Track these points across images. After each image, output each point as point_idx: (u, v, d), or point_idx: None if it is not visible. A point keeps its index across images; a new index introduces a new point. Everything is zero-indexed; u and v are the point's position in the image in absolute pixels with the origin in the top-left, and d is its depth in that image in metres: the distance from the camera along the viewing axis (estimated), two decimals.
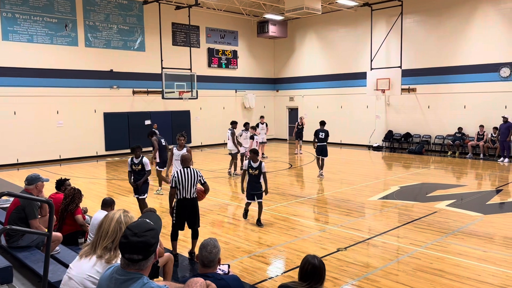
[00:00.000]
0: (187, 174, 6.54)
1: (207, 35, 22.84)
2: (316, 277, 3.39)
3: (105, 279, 2.45)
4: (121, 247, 2.31)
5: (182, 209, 6.56)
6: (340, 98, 22.77)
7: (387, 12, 20.00)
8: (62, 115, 17.70)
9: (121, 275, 2.34)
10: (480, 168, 15.39)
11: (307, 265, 3.41)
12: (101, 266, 2.74)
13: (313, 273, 3.39)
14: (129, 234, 2.29)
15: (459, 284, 5.51)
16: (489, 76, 17.46)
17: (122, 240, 2.32)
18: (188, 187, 6.51)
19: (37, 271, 4.52)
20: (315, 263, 3.41)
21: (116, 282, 2.34)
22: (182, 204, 6.54)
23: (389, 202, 10.22)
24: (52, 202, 3.77)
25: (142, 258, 2.30)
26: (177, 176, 6.52)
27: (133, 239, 2.27)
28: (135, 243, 2.27)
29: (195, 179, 6.58)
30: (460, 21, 18.17)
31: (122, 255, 2.33)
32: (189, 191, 6.52)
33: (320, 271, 3.42)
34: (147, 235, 2.30)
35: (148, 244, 2.30)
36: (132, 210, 9.03)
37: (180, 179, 6.51)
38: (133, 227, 2.33)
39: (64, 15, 17.60)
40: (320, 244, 7.19)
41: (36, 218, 5.22)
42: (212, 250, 3.36)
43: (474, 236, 7.47)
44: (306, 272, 3.41)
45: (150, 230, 2.34)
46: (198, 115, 22.39)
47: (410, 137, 20.07)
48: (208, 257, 3.34)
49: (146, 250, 2.30)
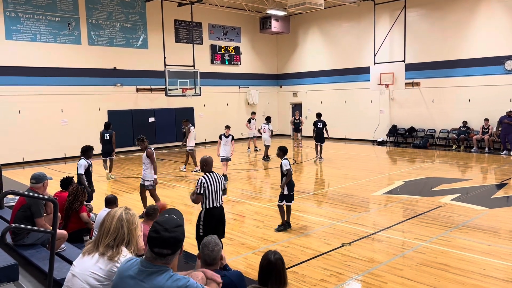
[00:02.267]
0: (214, 179, 5.84)
1: (209, 32, 22.81)
2: (275, 275, 3.09)
3: (126, 269, 2.48)
4: (151, 241, 2.38)
5: (211, 219, 5.79)
6: (343, 93, 22.70)
7: (390, 6, 19.88)
8: (66, 113, 17.78)
9: (147, 267, 2.39)
10: (485, 162, 15.32)
11: (263, 260, 3.17)
12: (103, 263, 2.76)
13: (268, 269, 3.11)
14: (160, 229, 2.37)
15: (463, 278, 5.50)
16: (494, 69, 17.34)
17: (152, 235, 2.38)
18: (217, 193, 5.84)
19: (43, 269, 4.55)
20: (270, 259, 3.13)
21: (141, 273, 2.39)
22: (211, 213, 5.80)
23: (394, 196, 10.20)
24: (57, 201, 3.80)
25: (171, 253, 2.39)
26: (206, 181, 5.76)
27: (165, 234, 2.35)
28: (166, 238, 2.35)
29: (222, 185, 5.96)
30: (464, 14, 18.04)
31: (150, 249, 2.39)
32: (218, 198, 5.87)
33: (276, 267, 3.10)
34: (177, 231, 2.40)
35: (178, 240, 2.40)
36: (136, 207, 9.08)
37: (209, 185, 5.75)
38: (164, 223, 2.41)
39: (67, 13, 17.63)
40: (324, 239, 7.20)
41: (42, 217, 5.25)
42: (214, 248, 3.40)
43: (479, 230, 7.44)
44: (262, 268, 3.16)
45: (180, 226, 2.44)
46: (201, 111, 22.41)
47: (415, 132, 20.00)
48: (210, 255, 3.39)
49: (175, 245, 2.39)
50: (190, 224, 8.30)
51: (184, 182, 12.58)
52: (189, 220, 8.57)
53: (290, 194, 7.69)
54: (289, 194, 7.68)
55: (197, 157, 17.55)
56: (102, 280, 2.73)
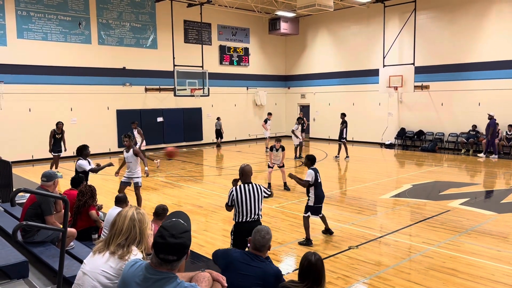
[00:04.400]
0: (248, 192, 5.40)
1: (218, 33, 22.87)
2: (313, 276, 3.27)
3: (131, 275, 2.45)
4: (157, 247, 2.33)
5: (241, 234, 5.33)
6: (352, 95, 22.63)
7: (400, 8, 19.80)
8: (76, 112, 17.92)
9: (153, 274, 2.35)
10: (494, 166, 15.19)
11: (304, 261, 3.35)
12: (114, 261, 2.78)
13: (309, 270, 3.30)
14: (167, 235, 2.31)
15: (472, 283, 5.46)
16: (504, 73, 17.19)
17: (158, 240, 2.33)
18: (250, 208, 5.36)
19: (52, 266, 4.60)
20: (311, 260, 3.31)
21: (147, 281, 2.35)
22: (241, 228, 5.37)
23: (402, 200, 10.15)
24: (67, 198, 3.84)
25: (177, 259, 2.34)
26: (236, 194, 5.40)
27: (171, 240, 2.30)
28: (173, 245, 2.30)
29: (259, 197, 5.44)
30: (475, 17, 17.91)
31: (156, 254, 2.34)
32: (251, 212, 5.37)
33: (316, 268, 3.28)
34: (184, 237, 2.34)
35: (184, 246, 2.34)
36: (144, 206, 9.12)
37: (239, 198, 5.37)
38: (170, 228, 2.35)
39: (78, 13, 17.78)
40: (331, 242, 7.18)
41: (52, 214, 5.31)
42: (265, 236, 3.71)
43: (487, 235, 7.38)
44: (303, 269, 3.34)
45: (186, 232, 2.38)
46: (209, 112, 22.46)
47: (423, 135, 19.88)
48: (260, 241, 3.69)
49: (181, 252, 2.34)
50: (197, 224, 8.34)
51: (191, 182, 12.62)
52: (196, 221, 8.61)
53: (316, 206, 7.10)
54: (315, 206, 7.10)
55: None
56: (112, 278, 2.75)
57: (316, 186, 7.07)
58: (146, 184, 12.40)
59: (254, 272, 3.59)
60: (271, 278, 3.63)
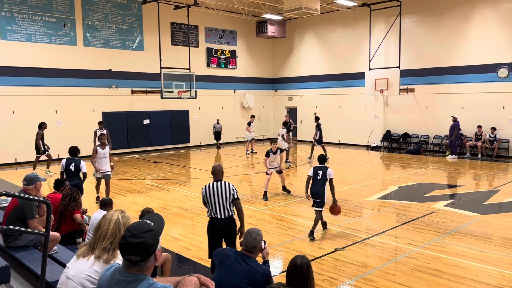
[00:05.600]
0: (217, 189, 5.56)
1: (206, 35, 22.84)
2: (298, 278, 3.29)
3: (106, 280, 2.44)
4: (120, 248, 2.32)
5: (214, 230, 5.60)
6: (338, 98, 22.79)
7: (385, 12, 20.02)
8: (60, 114, 17.70)
9: (125, 277, 2.34)
10: (478, 168, 15.43)
11: (290, 263, 3.39)
12: (99, 266, 2.75)
13: (293, 272, 3.32)
14: (128, 235, 2.30)
15: (456, 284, 5.53)
16: (487, 76, 17.50)
17: (121, 241, 2.32)
18: (219, 205, 5.53)
19: (35, 271, 4.53)
20: (296, 262, 3.35)
21: (120, 284, 2.34)
22: (212, 224, 5.59)
23: (387, 202, 10.24)
24: (50, 202, 3.78)
25: (141, 260, 2.30)
26: (205, 191, 5.60)
27: (131, 240, 2.27)
28: (133, 244, 2.27)
29: (227, 195, 5.55)
30: (459, 21, 18.21)
31: (122, 255, 2.34)
32: (221, 209, 5.52)
33: (300, 271, 3.30)
34: (145, 236, 2.29)
35: (146, 245, 2.29)
36: (130, 209, 9.06)
37: (208, 195, 5.57)
38: (132, 228, 2.33)
39: (63, 14, 17.59)
40: (317, 244, 7.21)
41: (34, 218, 5.23)
42: (256, 237, 3.87)
43: (471, 236, 7.49)
44: (288, 271, 3.37)
45: (149, 231, 2.33)
46: (196, 114, 22.39)
47: (408, 137, 20.11)
48: (252, 242, 3.84)
49: (144, 251, 2.29)
50: (184, 227, 8.30)
51: (178, 185, 12.55)
52: (183, 224, 8.57)
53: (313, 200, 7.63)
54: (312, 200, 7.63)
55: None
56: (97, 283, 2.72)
57: (312, 182, 7.63)
58: (132, 187, 12.31)
59: (244, 271, 3.72)
60: (260, 278, 3.73)
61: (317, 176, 7.58)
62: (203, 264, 6.28)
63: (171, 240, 7.50)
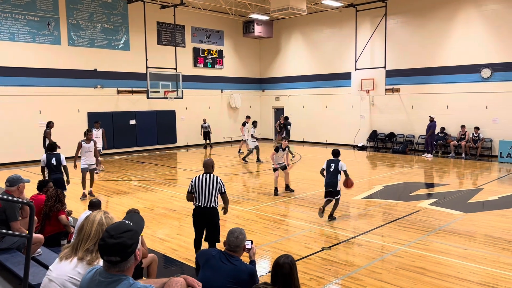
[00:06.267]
0: (206, 181, 5.94)
1: (192, 35, 22.75)
2: (282, 278, 3.31)
3: (87, 281, 2.42)
4: (99, 249, 2.31)
5: (197, 218, 6.03)
6: (325, 98, 22.91)
7: (371, 13, 20.20)
8: (44, 115, 17.42)
9: (106, 278, 2.33)
10: (462, 167, 15.66)
11: (274, 263, 3.42)
12: (82, 267, 2.72)
13: (276, 272, 3.35)
14: (106, 236, 2.29)
15: (440, 281, 5.61)
16: (471, 77, 17.78)
17: (99, 243, 2.31)
18: (204, 195, 5.90)
19: (18, 274, 4.46)
20: (279, 262, 3.37)
21: (100, 285, 2.32)
22: (196, 212, 6.01)
23: (373, 201, 10.33)
24: (33, 204, 3.72)
25: (120, 260, 2.29)
26: (195, 181, 6.00)
27: (110, 241, 2.26)
28: (112, 245, 2.26)
29: (214, 188, 5.93)
30: (443, 22, 18.46)
31: (101, 257, 2.32)
32: (206, 199, 5.90)
33: (283, 270, 3.32)
34: (124, 236, 2.28)
35: (125, 246, 2.27)
36: (116, 210, 8.97)
37: (196, 185, 5.96)
38: (111, 229, 2.32)
39: (47, 13, 17.33)
40: (304, 243, 7.23)
41: (17, 220, 5.14)
42: (239, 236, 3.89)
43: (455, 234, 7.60)
44: (272, 270, 3.40)
45: (128, 231, 2.32)
46: (183, 115, 22.29)
47: (394, 137, 20.31)
48: (234, 242, 3.86)
49: (123, 252, 2.28)
50: (171, 228, 8.26)
51: (164, 185, 12.48)
52: (170, 225, 8.52)
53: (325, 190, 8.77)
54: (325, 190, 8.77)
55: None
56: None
57: (326, 173, 8.71)
58: (118, 188, 12.20)
59: (228, 270, 3.74)
60: (245, 276, 3.74)
61: (330, 169, 8.63)
62: (190, 265, 6.25)
63: (157, 241, 7.45)
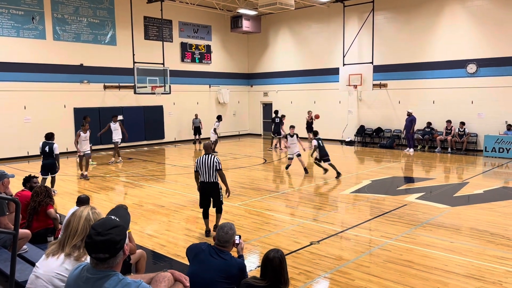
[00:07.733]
0: (205, 161, 7.31)
1: (180, 29, 22.58)
2: (270, 272, 3.34)
3: (74, 278, 2.40)
4: (87, 247, 2.29)
5: (203, 190, 7.45)
6: (313, 94, 22.98)
7: (359, 8, 20.27)
8: (29, 110, 17.18)
9: (94, 274, 2.31)
10: (448, 161, 15.87)
11: (263, 257, 3.45)
12: (70, 263, 2.70)
13: (265, 266, 3.38)
14: (93, 233, 2.26)
15: (427, 274, 5.68)
16: (457, 72, 17.98)
17: (86, 240, 2.29)
18: (205, 172, 7.30)
19: (4, 271, 4.39)
20: (269, 256, 3.41)
21: (88, 281, 2.31)
22: (202, 186, 7.43)
23: (361, 195, 10.41)
24: (19, 200, 3.67)
25: (109, 256, 2.28)
26: (198, 161, 7.38)
27: (97, 238, 2.24)
28: (100, 242, 2.24)
29: (211, 165, 7.27)
30: (429, 18, 18.61)
31: (89, 254, 2.30)
32: (207, 176, 7.31)
33: (272, 264, 3.34)
34: (112, 232, 2.27)
35: (113, 242, 2.26)
36: (103, 206, 8.89)
37: (199, 164, 7.35)
38: (97, 226, 2.30)
39: (31, 7, 17.02)
40: (293, 238, 7.26)
41: (5, 215, 5.07)
42: (228, 232, 3.92)
43: (441, 228, 7.70)
44: (262, 264, 3.43)
45: (115, 227, 2.30)
46: (171, 110, 22.15)
47: (382, 132, 20.48)
48: (224, 237, 3.89)
49: (112, 248, 2.27)
50: (159, 224, 8.22)
51: (152, 181, 12.41)
52: (158, 221, 8.48)
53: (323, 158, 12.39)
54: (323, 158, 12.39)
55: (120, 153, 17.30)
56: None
57: (319, 148, 12.25)
58: (106, 184, 12.10)
59: (217, 264, 3.74)
60: (235, 271, 3.75)
61: (321, 144, 12.30)
62: (179, 260, 6.24)
63: (146, 237, 7.41)
